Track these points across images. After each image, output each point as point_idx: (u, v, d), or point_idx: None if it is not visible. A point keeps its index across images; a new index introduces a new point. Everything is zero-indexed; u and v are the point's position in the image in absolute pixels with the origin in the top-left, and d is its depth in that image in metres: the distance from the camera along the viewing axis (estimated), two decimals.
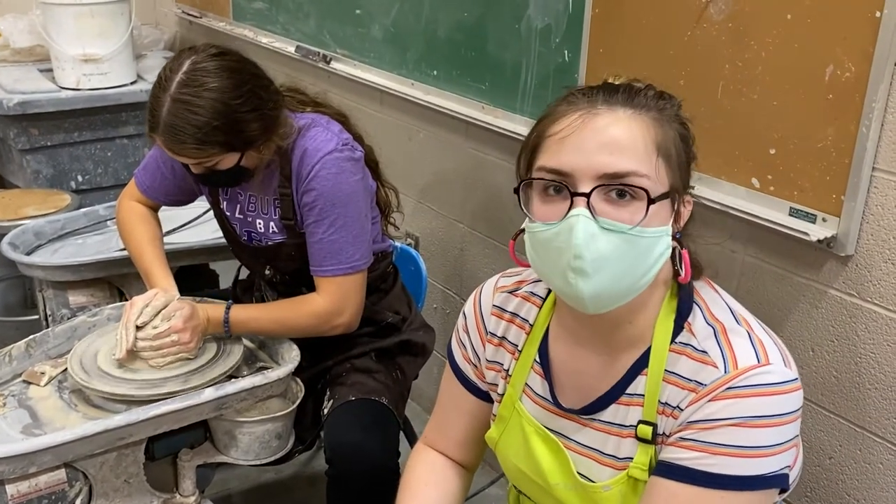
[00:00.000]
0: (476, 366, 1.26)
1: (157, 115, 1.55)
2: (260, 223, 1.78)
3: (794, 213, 1.47)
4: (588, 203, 0.98)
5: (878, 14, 1.30)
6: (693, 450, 0.99)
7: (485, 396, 1.26)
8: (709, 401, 0.99)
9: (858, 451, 1.48)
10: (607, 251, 0.98)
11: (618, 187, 0.98)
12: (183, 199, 1.93)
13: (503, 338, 1.22)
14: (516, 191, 1.05)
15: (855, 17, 1.33)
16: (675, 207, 1.03)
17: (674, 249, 1.04)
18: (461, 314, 1.28)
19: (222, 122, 1.54)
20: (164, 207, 1.94)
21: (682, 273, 1.04)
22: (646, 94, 1.04)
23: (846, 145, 1.37)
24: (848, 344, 1.46)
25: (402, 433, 1.82)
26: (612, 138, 0.98)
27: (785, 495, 1.07)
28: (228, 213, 1.83)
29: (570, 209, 0.98)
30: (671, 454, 1.01)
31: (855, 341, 1.45)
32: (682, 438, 1.00)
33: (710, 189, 1.58)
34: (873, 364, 1.43)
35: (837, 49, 1.36)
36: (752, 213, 1.51)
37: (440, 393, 1.33)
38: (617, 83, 1.06)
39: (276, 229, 1.76)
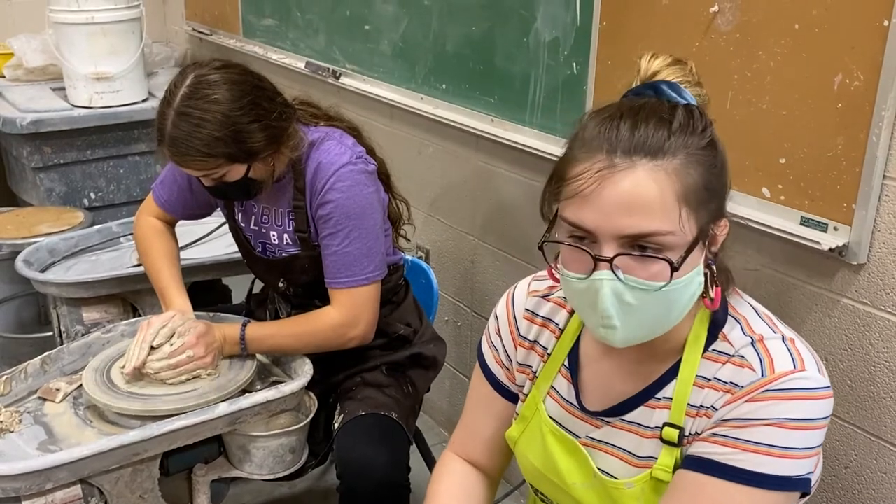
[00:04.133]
0: (508, 368, 1.27)
1: (163, 128, 1.58)
2: (274, 235, 1.79)
3: (805, 222, 1.47)
4: (612, 265, 0.97)
5: (885, 23, 1.30)
6: (725, 445, 1.00)
7: (514, 399, 1.27)
8: (746, 401, 1.00)
9: (874, 461, 1.47)
10: (635, 306, 0.99)
11: (642, 245, 0.96)
12: (200, 213, 1.94)
13: (535, 342, 1.23)
14: (540, 248, 1.03)
15: (863, 25, 1.33)
16: (707, 241, 1.02)
17: (706, 276, 1.04)
18: (493, 316, 1.29)
19: (225, 133, 1.56)
20: (179, 222, 1.96)
21: (713, 299, 1.03)
22: (671, 129, 0.97)
23: (856, 154, 1.37)
24: (862, 353, 1.45)
25: (414, 446, 1.82)
26: (632, 198, 0.94)
27: (804, 500, 1.07)
28: (243, 225, 1.84)
29: (595, 268, 0.97)
30: (701, 449, 1.03)
31: (869, 350, 1.44)
32: (715, 435, 1.02)
33: None
34: (888, 373, 1.42)
35: (846, 58, 1.36)
36: (763, 222, 1.51)
37: (469, 395, 1.34)
38: (641, 104, 1.00)
39: (290, 241, 1.77)
